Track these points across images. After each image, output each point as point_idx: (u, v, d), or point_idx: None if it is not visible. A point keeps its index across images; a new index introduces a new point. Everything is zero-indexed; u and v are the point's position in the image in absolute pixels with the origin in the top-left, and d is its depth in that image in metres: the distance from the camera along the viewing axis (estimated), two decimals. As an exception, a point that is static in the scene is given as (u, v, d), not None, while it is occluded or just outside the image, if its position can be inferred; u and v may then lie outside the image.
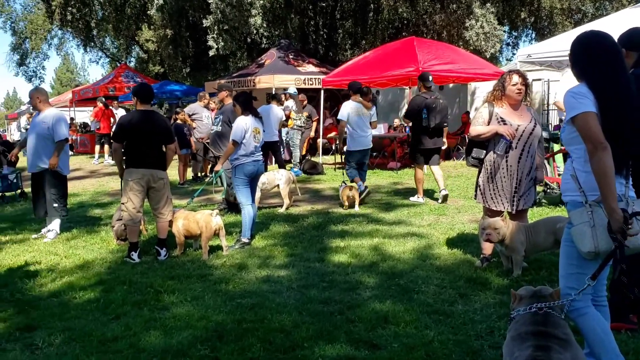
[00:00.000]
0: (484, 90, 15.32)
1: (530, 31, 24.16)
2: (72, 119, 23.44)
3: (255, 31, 16.79)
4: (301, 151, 12.81)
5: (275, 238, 6.30)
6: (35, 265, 5.49)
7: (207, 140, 9.97)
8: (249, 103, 6.12)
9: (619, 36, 3.23)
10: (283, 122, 11.34)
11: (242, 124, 5.94)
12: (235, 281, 4.77)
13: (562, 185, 2.73)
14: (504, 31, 20.25)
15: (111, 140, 9.00)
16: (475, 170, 5.02)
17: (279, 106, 11.19)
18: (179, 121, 11.28)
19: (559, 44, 10.16)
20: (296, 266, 5.16)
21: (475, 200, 5.09)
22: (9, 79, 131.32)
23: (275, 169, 8.87)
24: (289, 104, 12.60)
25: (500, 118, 4.68)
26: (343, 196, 7.94)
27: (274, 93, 12.12)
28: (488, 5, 16.63)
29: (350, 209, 7.81)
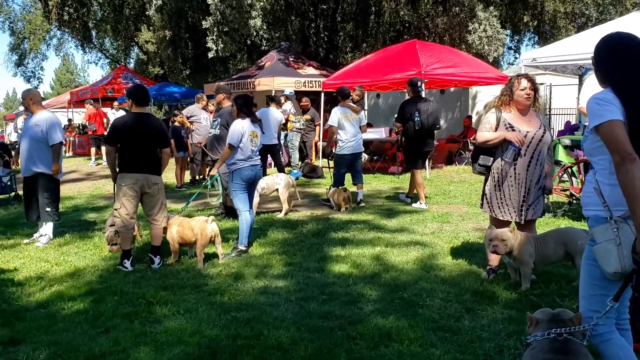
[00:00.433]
0: (486, 94, 15.16)
1: (532, 35, 24.01)
2: (70, 120, 23.28)
3: (255, 33, 16.64)
4: (310, 157, 12.79)
5: (273, 245, 6.10)
6: (24, 272, 5.30)
7: (205, 144, 9.80)
8: (247, 106, 5.91)
9: None
10: (282, 125, 11.21)
11: (239, 127, 5.74)
12: (231, 292, 4.57)
13: (583, 198, 2.52)
14: (507, 35, 20.07)
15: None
16: (481, 177, 4.84)
17: (277, 109, 11.04)
18: (176, 123, 11.12)
19: (565, 48, 9.96)
20: (295, 276, 4.96)
21: (482, 210, 4.89)
22: (9, 79, 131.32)
23: (274, 173, 8.71)
24: (287, 106, 12.43)
25: (508, 124, 4.48)
26: (339, 199, 7.99)
27: (272, 96, 11.97)
28: (491, 8, 16.48)
29: (345, 209, 7.94)
